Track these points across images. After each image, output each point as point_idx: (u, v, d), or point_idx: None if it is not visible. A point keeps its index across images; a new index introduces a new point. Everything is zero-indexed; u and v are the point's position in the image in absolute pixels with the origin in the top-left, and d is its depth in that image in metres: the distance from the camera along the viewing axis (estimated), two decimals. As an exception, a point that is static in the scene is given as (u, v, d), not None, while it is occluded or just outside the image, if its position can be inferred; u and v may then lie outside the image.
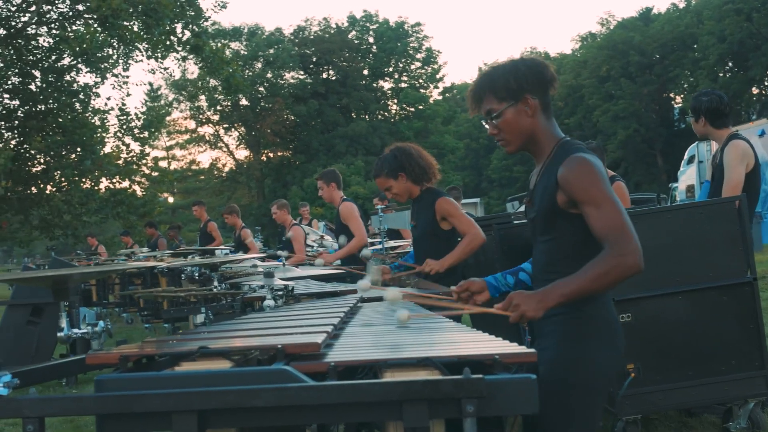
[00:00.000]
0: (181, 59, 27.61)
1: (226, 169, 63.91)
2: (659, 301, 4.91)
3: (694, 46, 54.99)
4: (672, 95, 59.71)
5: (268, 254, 11.43)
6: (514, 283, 3.28)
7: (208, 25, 27.48)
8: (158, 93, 56.01)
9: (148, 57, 26.21)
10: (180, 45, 25.76)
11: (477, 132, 64.56)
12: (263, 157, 61.00)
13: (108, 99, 29.24)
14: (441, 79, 65.29)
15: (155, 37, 24.44)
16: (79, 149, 25.02)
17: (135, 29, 24.52)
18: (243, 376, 2.05)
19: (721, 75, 52.84)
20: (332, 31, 62.59)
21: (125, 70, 27.01)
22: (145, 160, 28.49)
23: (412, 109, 62.00)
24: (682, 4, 60.02)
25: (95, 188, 26.13)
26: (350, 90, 60.48)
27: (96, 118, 26.51)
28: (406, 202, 5.95)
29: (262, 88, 58.99)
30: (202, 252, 8.78)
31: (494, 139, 3.14)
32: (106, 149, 26.67)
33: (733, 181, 5.54)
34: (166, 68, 39.82)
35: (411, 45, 63.58)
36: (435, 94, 65.60)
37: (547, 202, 2.94)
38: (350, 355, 2.32)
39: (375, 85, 64.17)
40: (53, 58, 26.23)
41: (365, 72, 63.43)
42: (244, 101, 58.42)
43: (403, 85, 63.78)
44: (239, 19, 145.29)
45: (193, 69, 42.63)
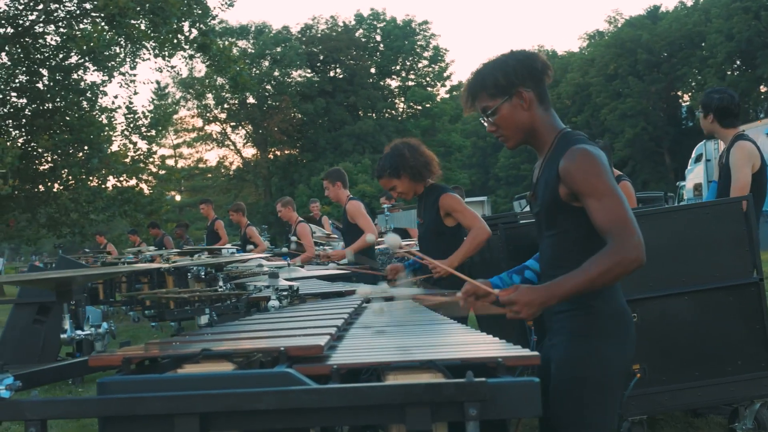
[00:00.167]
0: (189, 57, 27.62)
1: (233, 168, 64.01)
2: (666, 301, 4.90)
3: (702, 45, 54.88)
4: (680, 93, 59.62)
5: (275, 253, 11.43)
6: (520, 282, 3.24)
7: (215, 23, 27.50)
8: (165, 91, 56.11)
9: (156, 55, 26.23)
10: (187, 43, 25.76)
11: (484, 130, 63.80)
12: (270, 155, 61.05)
13: (115, 97, 29.47)
14: (448, 78, 65.32)
15: (162, 36, 24.45)
16: (86, 147, 25.05)
17: (142, 27, 24.53)
18: (245, 379, 2.04)
19: (729, 73, 52.73)
20: (339, 30, 62.61)
21: (132, 69, 26.97)
22: (152, 159, 28.50)
23: (419, 108, 62.00)
24: (690, 2, 59.94)
25: (102, 186, 26.17)
26: (357, 88, 60.48)
27: (103, 117, 26.54)
28: (412, 200, 5.89)
29: (269, 87, 59.04)
30: (210, 251, 8.76)
31: (494, 137, 3.08)
32: (114, 147, 26.71)
33: (741, 183, 5.53)
34: (174, 66, 39.87)
35: (418, 43, 63.59)
36: (442, 93, 65.61)
37: (550, 195, 2.88)
38: (353, 358, 2.31)
39: (382, 83, 64.17)
40: (60, 56, 26.27)
41: (372, 70, 63.43)
42: (251, 99, 58.48)
43: (410, 83, 63.80)
44: (246, 17, 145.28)
45: (201, 67, 42.69)
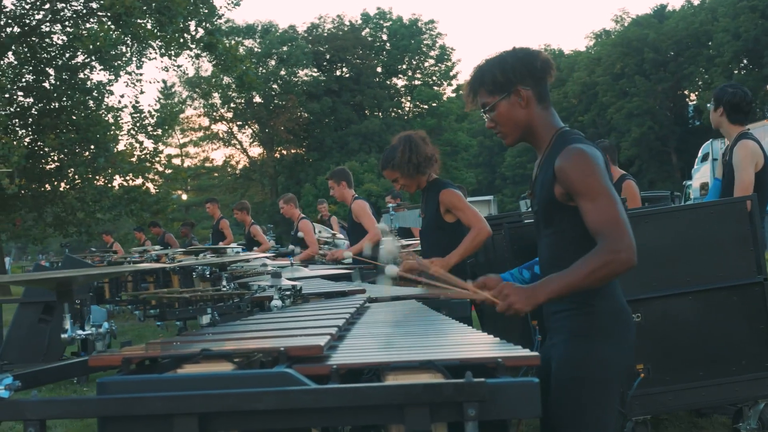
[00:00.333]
0: (195, 57, 27.68)
1: (239, 167, 64.06)
2: (669, 301, 4.89)
3: (709, 44, 54.76)
4: (686, 92, 59.52)
5: (280, 252, 11.43)
6: (530, 277, 3.24)
7: (221, 22, 27.53)
8: (172, 90, 56.18)
9: (162, 55, 26.29)
10: (193, 42, 25.83)
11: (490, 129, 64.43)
12: (277, 155, 61.09)
13: (122, 97, 29.42)
14: (454, 77, 65.14)
15: (169, 35, 24.51)
16: (92, 147, 25.15)
17: (148, 27, 24.59)
18: (245, 379, 2.04)
19: (735, 72, 52.57)
20: (346, 29, 62.63)
21: (138, 68, 27.05)
22: (159, 158, 28.57)
23: (426, 107, 61.99)
24: (696, 1, 59.83)
25: (108, 186, 26.25)
26: (363, 87, 60.49)
27: (110, 116, 26.60)
28: (417, 200, 5.87)
29: (275, 86, 59.09)
30: (214, 250, 8.76)
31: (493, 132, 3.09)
32: (120, 147, 26.80)
33: (744, 183, 5.51)
34: (180, 66, 39.85)
35: (424, 42, 63.56)
36: (448, 92, 65.49)
37: (546, 194, 2.88)
38: (353, 358, 2.30)
39: (388, 82, 64.18)
40: (67, 55, 26.37)
41: (378, 69, 63.45)
42: (257, 99, 58.53)
43: (417, 82, 63.79)
44: (253, 16, 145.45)
45: (207, 66, 42.71)
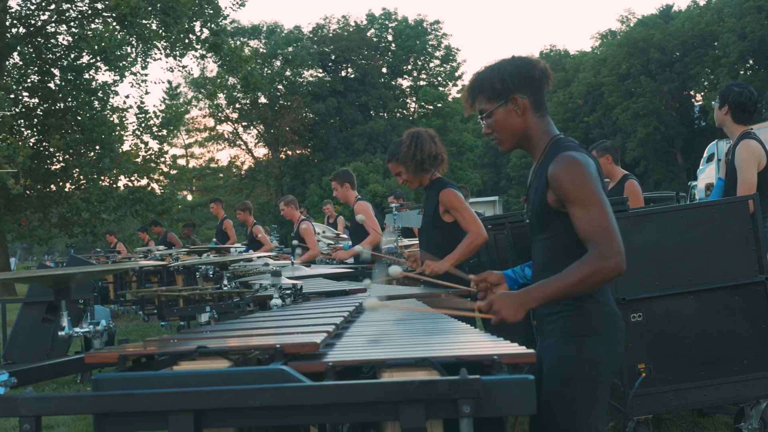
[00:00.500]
0: (200, 57, 27.70)
1: (244, 167, 64.08)
2: (671, 300, 4.88)
3: (715, 44, 54.63)
4: (692, 93, 59.42)
5: (284, 251, 11.44)
6: (532, 275, 3.27)
7: (227, 23, 27.56)
8: (177, 91, 56.25)
9: (167, 55, 26.32)
10: (198, 43, 25.85)
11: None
12: (282, 155, 61.11)
13: (127, 97, 29.49)
14: (460, 77, 65.07)
15: (174, 36, 24.54)
16: (97, 147, 25.17)
17: (153, 27, 24.63)
18: (240, 376, 2.04)
19: (741, 73, 52.44)
20: (351, 29, 62.63)
21: (144, 69, 27.08)
22: (164, 158, 28.59)
23: (431, 107, 61.96)
24: (702, 2, 59.69)
25: (114, 186, 26.28)
26: (369, 88, 60.49)
27: (114, 116, 26.63)
28: (420, 200, 5.89)
29: (281, 86, 59.10)
30: (217, 250, 8.78)
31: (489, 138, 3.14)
32: (125, 147, 26.81)
33: (747, 183, 5.50)
34: (185, 66, 39.96)
35: (430, 43, 63.55)
36: (454, 92, 65.43)
37: (540, 201, 2.94)
38: (349, 356, 2.31)
39: (394, 83, 64.16)
40: (72, 56, 26.41)
41: (384, 70, 63.42)
42: (262, 99, 58.59)
43: (422, 83, 63.74)
44: (258, 17, 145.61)
45: (212, 67, 42.74)
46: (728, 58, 51.66)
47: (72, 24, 26.43)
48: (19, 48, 25.59)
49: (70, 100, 26.30)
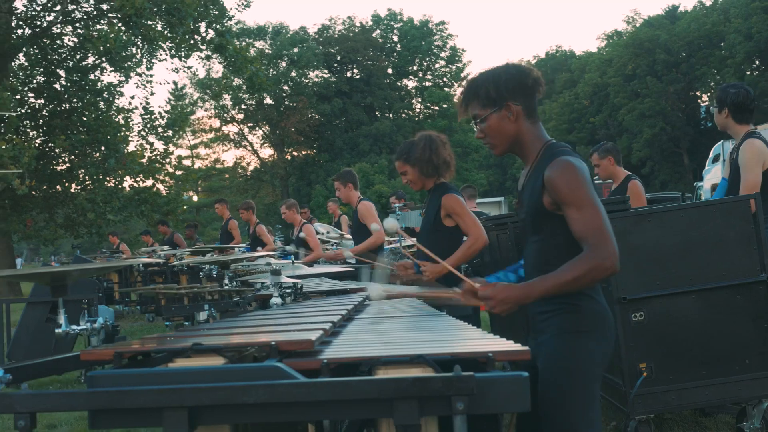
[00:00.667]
0: (206, 58, 27.75)
1: (250, 168, 64.21)
2: (672, 300, 4.87)
3: (721, 44, 54.53)
4: (698, 93, 59.29)
5: (287, 251, 11.45)
6: (516, 280, 3.35)
7: (232, 24, 27.60)
8: (183, 92, 56.34)
9: (172, 56, 26.36)
10: (204, 44, 25.90)
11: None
12: (287, 156, 61.19)
13: (132, 98, 29.49)
14: (465, 78, 65.09)
15: (179, 37, 24.58)
16: (103, 148, 25.22)
17: (158, 28, 24.67)
18: (234, 373, 2.05)
19: (748, 73, 52.36)
20: (356, 30, 62.70)
21: (149, 69, 27.14)
22: (169, 159, 28.63)
23: (436, 108, 62.00)
24: (708, 2, 59.56)
25: (119, 187, 26.32)
26: (374, 89, 60.54)
27: (120, 117, 26.68)
28: (420, 199, 5.92)
29: (286, 87, 59.18)
30: (220, 249, 8.81)
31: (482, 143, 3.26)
32: (130, 148, 26.84)
33: (750, 183, 5.49)
34: (190, 67, 39.97)
35: (435, 44, 63.60)
36: (459, 93, 65.56)
37: (535, 203, 3.04)
38: (344, 353, 2.31)
39: (399, 83, 64.22)
40: (78, 57, 26.46)
41: (389, 71, 63.50)
42: (268, 100, 58.67)
43: (427, 83, 63.84)
44: (264, 18, 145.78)
45: (218, 68, 42.84)
46: (734, 59, 51.57)
47: (77, 25, 26.49)
48: (24, 49, 25.66)
49: (75, 100, 26.36)
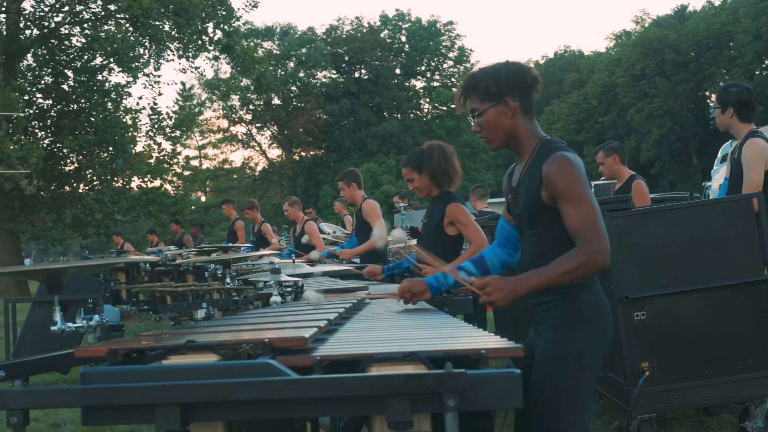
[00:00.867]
0: (213, 59, 27.80)
1: (258, 168, 64.29)
2: (675, 299, 4.86)
3: (730, 44, 54.45)
4: (707, 93, 59.13)
5: (294, 251, 11.46)
6: (454, 283, 3.44)
7: (240, 24, 27.65)
8: (191, 92, 56.44)
9: (179, 56, 26.42)
10: (211, 44, 25.95)
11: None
12: (295, 156, 61.26)
13: (140, 98, 29.50)
14: (471, 77, 65.16)
15: (186, 37, 24.63)
16: (110, 148, 25.30)
17: (166, 29, 24.72)
18: (227, 370, 2.05)
19: (757, 73, 52.27)
20: (364, 31, 62.74)
21: (156, 70, 27.21)
22: (177, 159, 28.69)
23: (444, 108, 61.99)
24: (717, 2, 59.45)
25: (127, 187, 26.39)
26: (382, 89, 60.56)
27: (127, 118, 26.75)
28: (424, 199, 6.00)
29: (294, 87, 59.25)
30: (224, 249, 8.82)
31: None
32: (138, 148, 26.91)
33: (753, 182, 5.47)
34: (197, 68, 40.09)
35: (443, 44, 63.61)
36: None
37: (532, 198, 3.08)
38: (338, 350, 2.32)
39: (407, 84, 64.25)
40: (85, 57, 26.54)
41: (397, 71, 63.52)
42: (276, 100, 58.76)
43: (435, 84, 63.83)
44: (272, 18, 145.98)
45: (226, 68, 42.91)
46: (743, 59, 51.49)
47: (85, 26, 26.56)
48: (33, 50, 25.75)
49: (83, 101, 26.45)
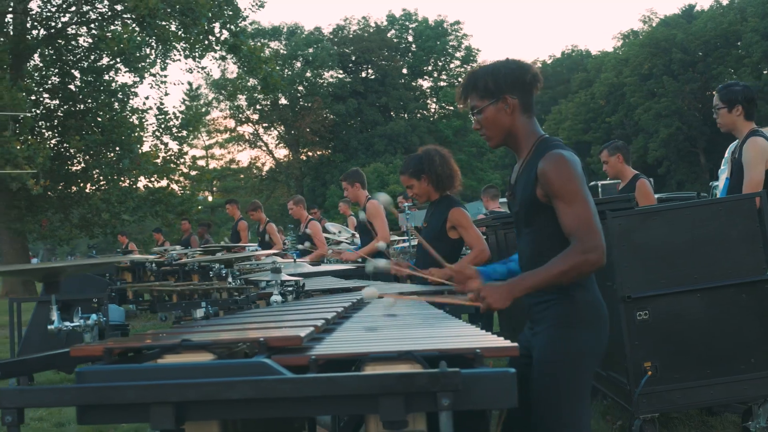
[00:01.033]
0: (220, 59, 27.83)
1: (265, 168, 64.33)
2: (677, 298, 4.85)
3: (738, 44, 54.26)
4: (715, 93, 58.91)
5: (300, 250, 11.47)
6: (519, 267, 3.40)
7: (246, 24, 27.66)
8: (197, 92, 56.50)
9: (186, 56, 26.45)
10: (218, 44, 25.97)
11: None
12: (302, 156, 61.31)
13: (146, 98, 29.49)
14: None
15: (193, 37, 24.66)
16: (117, 148, 25.35)
17: (172, 29, 24.76)
18: (222, 369, 2.05)
19: (765, 72, 52.11)
20: (371, 30, 62.76)
21: (163, 70, 27.25)
22: (183, 159, 28.72)
23: (451, 108, 61.95)
24: (725, 1, 59.25)
25: (133, 187, 26.44)
26: (389, 89, 60.58)
27: (134, 118, 26.80)
28: (424, 203, 6.04)
29: (301, 87, 59.30)
30: (228, 248, 8.84)
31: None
32: (145, 148, 26.96)
33: (754, 181, 5.46)
34: (204, 67, 40.10)
35: (450, 43, 63.61)
36: (459, 85, 65.46)
37: (528, 195, 3.09)
38: (334, 349, 2.32)
39: (414, 83, 64.25)
40: (92, 57, 26.59)
41: (404, 71, 63.53)
42: (283, 100, 58.82)
43: (442, 83, 63.79)
44: (279, 18, 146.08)
45: (233, 68, 42.98)
46: (751, 58, 51.33)
47: (92, 26, 26.62)
48: (39, 50, 25.83)
49: (90, 101, 26.50)
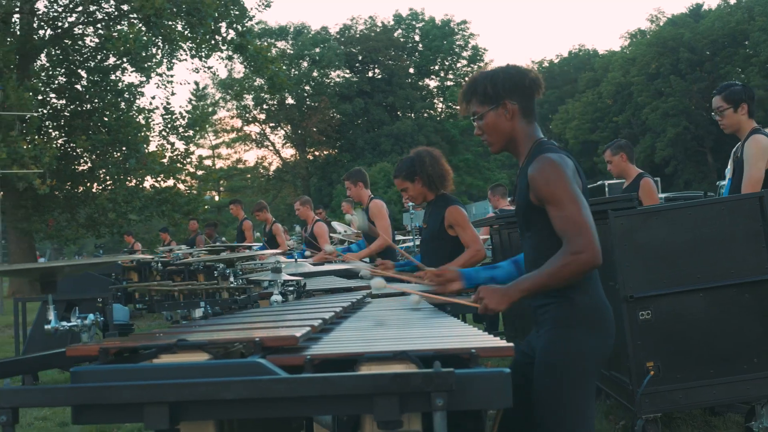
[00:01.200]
0: (227, 58, 27.85)
1: (272, 168, 64.37)
2: (679, 298, 4.84)
3: (746, 43, 54.15)
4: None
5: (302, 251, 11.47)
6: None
7: (253, 24, 27.69)
8: (204, 92, 56.54)
9: (192, 56, 26.48)
10: (224, 44, 26.00)
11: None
12: (309, 156, 61.32)
13: (153, 98, 29.44)
14: (483, 78, 65.07)
15: (199, 37, 24.69)
16: (124, 148, 25.39)
17: (179, 29, 24.79)
18: (217, 369, 2.06)
19: (772, 71, 52.05)
20: (378, 30, 62.74)
21: (169, 70, 27.28)
22: (190, 159, 28.76)
23: (458, 108, 61.83)
24: (733, 1, 59.11)
25: (140, 187, 26.48)
26: (396, 88, 60.55)
27: (140, 117, 26.84)
28: (421, 204, 6.05)
29: (308, 87, 59.30)
30: (232, 248, 8.83)
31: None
32: (151, 148, 27.01)
33: (753, 178, 5.44)
34: (210, 67, 40.12)
35: (457, 43, 63.54)
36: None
37: (524, 200, 3.09)
38: (329, 349, 2.32)
39: (420, 83, 64.20)
40: (99, 57, 26.64)
41: (411, 70, 63.48)
42: (290, 100, 58.82)
43: (449, 83, 63.72)
44: (285, 18, 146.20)
45: (240, 68, 43.01)
46: (759, 57, 51.24)
47: (98, 26, 26.66)
48: (46, 50, 25.88)
49: (96, 101, 26.54)
